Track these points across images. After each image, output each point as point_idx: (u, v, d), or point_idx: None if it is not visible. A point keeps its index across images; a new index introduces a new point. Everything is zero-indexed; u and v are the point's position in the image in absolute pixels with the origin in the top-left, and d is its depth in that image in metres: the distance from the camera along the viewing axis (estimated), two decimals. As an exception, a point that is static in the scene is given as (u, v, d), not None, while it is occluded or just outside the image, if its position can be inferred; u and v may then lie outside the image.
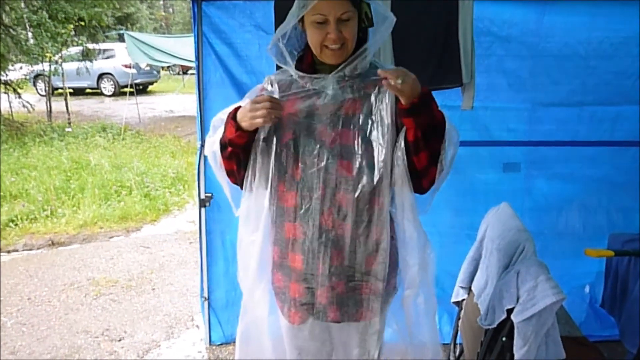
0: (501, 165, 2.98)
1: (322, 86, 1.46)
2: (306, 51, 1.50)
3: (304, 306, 1.54)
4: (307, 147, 1.45)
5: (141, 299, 3.65)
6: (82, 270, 4.19)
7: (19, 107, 10.60)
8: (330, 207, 1.44)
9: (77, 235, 5.05)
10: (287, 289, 1.56)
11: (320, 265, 1.48)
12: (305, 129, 1.45)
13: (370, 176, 1.43)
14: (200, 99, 2.66)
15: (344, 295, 1.51)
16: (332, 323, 1.55)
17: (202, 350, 2.98)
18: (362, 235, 1.47)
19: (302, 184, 1.46)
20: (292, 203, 1.47)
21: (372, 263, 1.50)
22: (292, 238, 1.50)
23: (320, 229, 1.46)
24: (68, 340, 3.14)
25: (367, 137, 1.43)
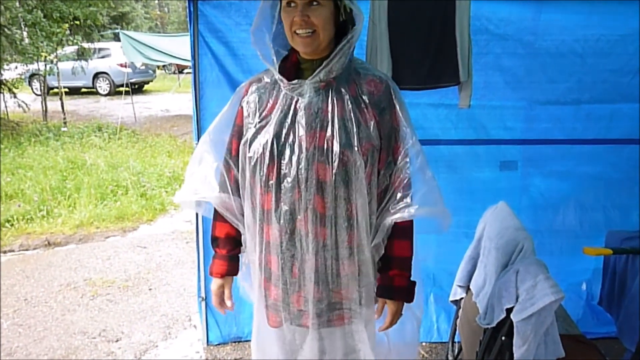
0: (498, 163, 2.98)
1: (299, 93, 1.44)
2: (292, 50, 1.48)
3: (278, 309, 1.53)
4: (284, 150, 1.43)
5: (138, 300, 3.64)
6: (79, 270, 4.17)
7: (14, 107, 10.56)
8: (306, 211, 1.42)
9: (73, 236, 5.02)
10: (266, 290, 1.56)
11: (295, 269, 1.47)
12: (283, 132, 1.44)
13: (347, 182, 1.42)
14: (196, 99, 2.64)
15: (318, 300, 1.48)
16: (303, 328, 1.53)
17: (200, 350, 2.97)
18: (338, 239, 1.45)
19: (277, 186, 1.44)
20: (269, 206, 1.46)
21: (347, 268, 1.48)
22: (269, 240, 1.49)
23: (295, 232, 1.44)
24: (65, 341, 3.12)
25: (344, 140, 1.40)
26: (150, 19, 29.04)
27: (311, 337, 1.51)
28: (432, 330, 2.96)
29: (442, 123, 2.82)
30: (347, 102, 1.43)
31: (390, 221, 1.47)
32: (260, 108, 1.48)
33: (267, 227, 1.48)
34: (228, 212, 1.58)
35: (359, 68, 1.49)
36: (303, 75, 1.46)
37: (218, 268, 1.65)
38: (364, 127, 1.42)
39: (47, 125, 10.09)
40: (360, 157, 1.40)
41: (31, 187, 6.07)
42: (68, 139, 8.83)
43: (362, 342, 1.54)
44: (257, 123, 1.47)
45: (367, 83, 1.47)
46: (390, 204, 1.48)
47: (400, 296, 1.54)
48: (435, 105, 2.78)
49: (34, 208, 5.51)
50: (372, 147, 1.43)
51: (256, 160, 1.45)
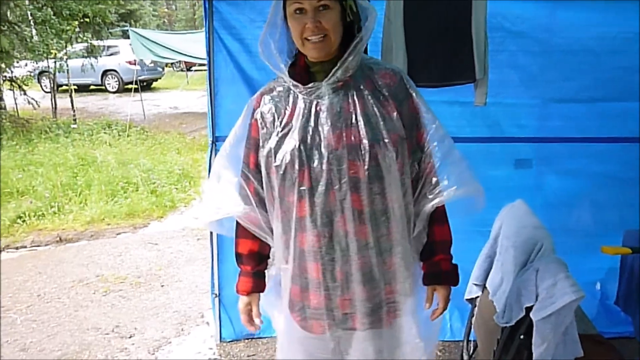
0: (512, 161, 2.97)
1: (317, 95, 1.43)
2: (300, 53, 1.46)
3: (321, 316, 1.50)
4: (312, 154, 1.41)
5: (150, 296, 3.65)
6: (91, 266, 4.20)
7: (24, 104, 10.63)
8: (343, 211, 1.41)
9: (84, 232, 5.06)
10: (305, 300, 1.52)
11: (336, 273, 1.45)
12: (308, 136, 1.42)
13: (381, 176, 1.41)
14: (211, 96, 2.65)
15: (367, 299, 1.47)
16: (350, 332, 1.51)
17: (213, 347, 2.98)
18: (378, 234, 1.44)
19: (310, 191, 1.42)
20: (302, 212, 1.44)
21: (390, 265, 1.47)
22: (305, 247, 1.47)
23: (334, 234, 1.43)
24: (78, 337, 3.14)
25: (372, 135, 1.40)
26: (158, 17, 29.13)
27: (362, 339, 1.49)
28: (445, 328, 2.95)
29: (456, 121, 2.80)
30: (367, 97, 1.43)
31: (431, 207, 1.48)
32: (279, 117, 1.46)
33: (302, 235, 1.45)
34: (254, 225, 1.55)
35: (370, 63, 1.50)
36: (315, 77, 1.45)
37: (244, 285, 1.63)
38: (388, 119, 1.42)
39: (57, 122, 10.15)
40: (391, 149, 1.40)
41: (42, 183, 6.11)
42: (78, 136, 8.87)
43: (411, 335, 1.53)
44: (279, 132, 1.45)
45: (382, 76, 1.47)
46: (426, 190, 1.49)
47: (448, 280, 1.57)
48: (449, 103, 2.76)
49: (45, 204, 5.55)
50: (400, 137, 1.43)
51: (285, 169, 1.42)
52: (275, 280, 1.63)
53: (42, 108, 10.98)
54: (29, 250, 4.69)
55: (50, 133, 9.08)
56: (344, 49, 1.40)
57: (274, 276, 1.63)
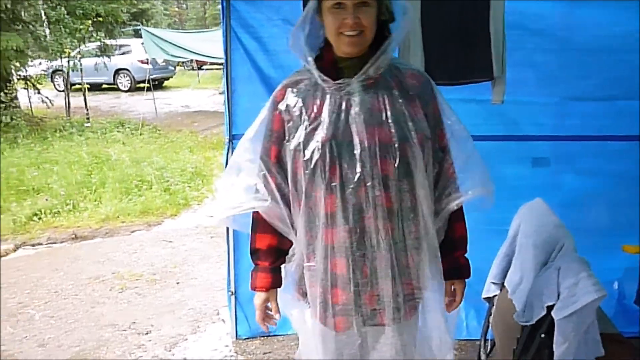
0: (529, 159, 2.96)
1: (347, 92, 1.44)
2: (327, 48, 1.48)
3: (349, 312, 1.50)
4: (342, 150, 1.42)
5: (166, 293, 3.68)
6: (106, 264, 4.23)
7: (38, 103, 10.74)
8: (374, 208, 1.42)
9: (99, 229, 5.11)
10: (328, 296, 1.51)
11: (365, 269, 1.46)
12: (339, 132, 1.43)
13: (409, 174, 1.44)
14: (228, 94, 2.66)
15: (391, 296, 1.48)
16: (377, 327, 1.52)
17: (229, 344, 2.99)
18: (405, 231, 1.46)
19: (341, 187, 1.42)
20: (333, 208, 1.44)
21: (417, 261, 1.49)
22: (333, 244, 1.46)
23: (364, 230, 1.44)
24: (95, 333, 3.17)
25: (401, 134, 1.42)
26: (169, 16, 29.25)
27: (390, 334, 1.50)
28: (461, 327, 2.94)
29: (473, 119, 2.75)
30: (396, 96, 1.44)
31: (455, 206, 1.52)
32: (307, 110, 1.46)
33: (330, 231, 1.45)
34: (278, 220, 1.55)
35: (397, 63, 1.51)
36: (343, 74, 1.45)
37: (262, 281, 1.62)
38: (415, 119, 1.44)
39: (70, 120, 10.24)
40: (418, 149, 1.43)
41: (57, 181, 6.18)
42: (91, 134, 8.95)
43: (437, 329, 1.56)
44: (307, 126, 1.45)
45: (409, 77, 1.49)
46: (448, 190, 1.52)
47: (466, 274, 1.63)
48: (466, 101, 2.74)
49: (61, 202, 5.61)
50: (425, 137, 1.45)
51: (315, 164, 1.42)
52: (293, 278, 1.61)
53: (56, 107, 11.08)
54: (45, 248, 4.75)
55: (64, 131, 9.16)
56: (375, 47, 1.43)
57: (292, 273, 1.61)
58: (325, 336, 1.54)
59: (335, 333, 1.53)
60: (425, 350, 1.59)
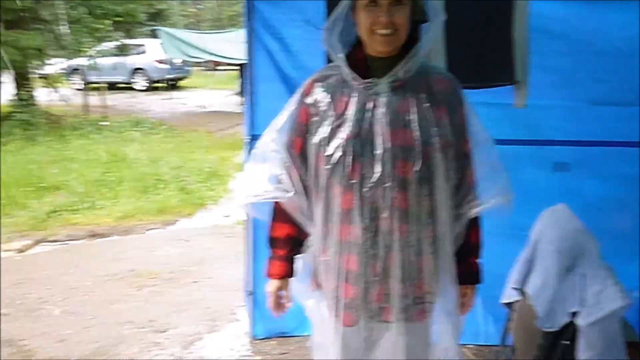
0: (550, 164, 2.93)
1: (375, 92, 1.45)
2: (358, 46, 1.49)
3: (356, 307, 1.53)
4: (364, 149, 1.44)
5: (182, 292, 3.70)
6: (124, 261, 4.27)
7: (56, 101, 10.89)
8: (389, 209, 1.44)
9: (116, 227, 5.15)
10: (339, 290, 1.53)
11: (376, 267, 1.47)
12: (362, 131, 1.44)
13: (429, 178, 1.45)
14: (250, 95, 2.67)
15: (404, 296, 1.49)
16: (383, 323, 1.54)
17: (246, 343, 3.00)
18: (420, 235, 1.46)
19: (359, 185, 1.44)
20: (349, 205, 1.46)
21: (429, 262, 1.50)
22: (346, 240, 1.49)
23: (378, 230, 1.45)
24: (114, 330, 3.20)
25: (424, 137, 1.43)
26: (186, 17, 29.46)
27: (396, 332, 1.51)
28: (479, 332, 2.92)
29: (494, 122, 2.71)
30: (422, 100, 1.45)
31: (476, 212, 1.53)
32: (333, 107, 1.48)
33: (345, 227, 1.47)
34: (298, 212, 1.57)
35: (426, 67, 1.52)
36: (372, 73, 1.47)
37: (277, 269, 1.66)
38: (440, 124, 1.45)
39: (88, 119, 10.35)
40: (440, 154, 1.43)
41: (75, 178, 6.25)
42: (109, 133, 9.04)
43: (444, 335, 1.57)
44: (332, 122, 1.46)
45: (437, 81, 1.50)
46: (469, 197, 1.53)
47: (478, 280, 1.66)
48: (487, 105, 2.69)
49: (79, 199, 5.67)
50: (448, 143, 1.46)
51: (336, 161, 1.44)
52: (309, 269, 1.65)
53: (73, 105, 11.22)
54: (63, 244, 4.80)
55: (82, 130, 9.26)
56: (406, 48, 1.43)
57: (308, 264, 1.64)
58: (335, 329, 1.57)
59: (343, 327, 1.55)
60: (432, 355, 1.61)
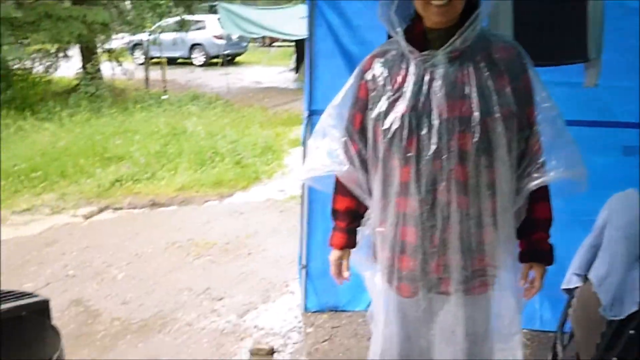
0: (619, 148, 2.79)
1: (432, 64, 1.43)
2: (417, 20, 1.47)
3: (415, 279, 1.54)
4: (422, 121, 1.43)
5: (238, 262, 3.81)
6: (182, 231, 4.43)
7: (120, 75, 11.28)
8: (447, 181, 1.43)
9: (175, 198, 5.33)
10: (398, 262, 1.55)
11: (434, 239, 1.48)
12: (419, 103, 1.43)
13: (489, 149, 1.42)
14: (309, 70, 2.67)
15: (463, 267, 1.49)
16: (442, 295, 1.54)
17: (298, 315, 3.07)
18: (481, 207, 1.45)
19: (417, 158, 1.44)
20: (407, 178, 1.46)
21: (490, 235, 1.48)
22: (404, 212, 1.49)
23: (436, 202, 1.45)
24: (173, 296, 3.35)
25: (484, 108, 1.40)
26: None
27: (455, 304, 1.51)
28: (534, 317, 2.86)
29: (563, 102, 2.60)
30: (482, 69, 1.42)
31: (535, 185, 1.48)
32: (391, 81, 1.48)
33: (403, 199, 1.48)
34: (354, 185, 1.61)
35: (487, 35, 1.49)
36: (431, 45, 1.45)
37: (337, 240, 1.72)
38: (501, 93, 1.42)
39: (149, 92, 10.67)
40: (501, 124, 1.41)
41: (138, 150, 6.48)
42: (168, 107, 9.29)
43: (507, 309, 1.55)
44: (390, 96, 1.47)
45: (499, 49, 1.46)
46: (532, 168, 1.49)
47: (546, 259, 1.59)
48: (557, 84, 2.58)
49: (141, 170, 5.89)
50: (511, 113, 1.43)
51: (393, 133, 1.45)
52: (367, 241, 1.68)
53: (135, 79, 11.59)
54: (126, 212, 5.02)
55: (143, 103, 9.56)
56: (464, 18, 1.40)
57: (367, 236, 1.67)
58: (391, 299, 1.59)
59: (401, 298, 1.57)
60: (495, 328, 1.59)
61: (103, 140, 6.89)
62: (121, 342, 2.87)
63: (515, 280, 1.59)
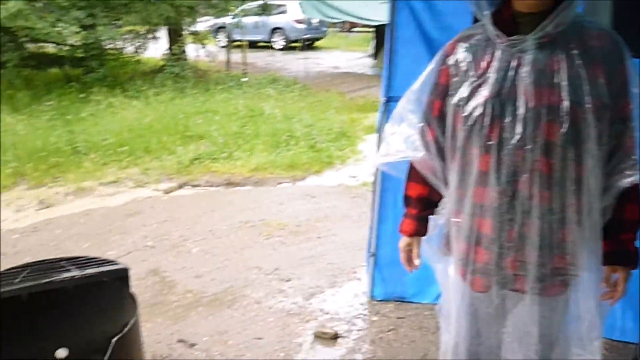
0: None
1: (520, 49, 1.36)
2: (506, 3, 1.41)
3: (489, 273, 1.48)
4: (507, 109, 1.36)
5: (307, 245, 3.85)
6: (255, 211, 4.53)
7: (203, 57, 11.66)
8: (530, 173, 1.36)
9: (250, 178, 5.46)
10: (472, 254, 1.50)
11: (512, 233, 1.41)
12: (504, 90, 1.37)
13: (577, 142, 1.34)
14: (389, 56, 2.62)
15: (541, 264, 1.42)
16: (517, 293, 1.48)
17: (364, 303, 3.06)
18: (565, 202, 1.37)
19: (498, 147, 1.38)
20: (486, 167, 1.41)
21: (573, 233, 1.40)
22: (482, 203, 1.44)
23: (516, 195, 1.39)
24: (243, 273, 3.44)
25: (574, 98, 1.32)
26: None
27: (530, 303, 1.45)
28: (614, 326, 2.68)
29: None
30: (574, 57, 1.34)
31: (627, 183, 1.39)
32: (475, 66, 1.43)
33: (481, 190, 1.43)
34: (429, 172, 1.58)
35: (582, 21, 1.39)
36: (519, 30, 1.38)
37: (407, 227, 1.70)
38: (593, 83, 1.33)
39: (230, 74, 10.96)
40: (592, 115, 1.32)
41: (217, 130, 6.69)
42: (248, 89, 9.51)
43: (588, 312, 1.47)
44: (473, 82, 1.41)
45: (594, 37, 1.37)
46: (624, 165, 1.40)
47: (631, 262, 1.48)
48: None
49: (219, 149, 6.08)
50: (603, 104, 1.34)
51: (474, 121, 1.40)
52: (441, 231, 1.64)
53: (217, 61, 11.94)
54: (203, 189, 5.21)
55: (224, 84, 9.84)
56: (557, 3, 1.33)
57: (440, 226, 1.63)
58: (463, 293, 1.55)
59: (473, 291, 1.52)
60: (572, 331, 1.51)
61: (185, 119, 7.17)
62: (192, 314, 3.00)
63: (597, 283, 1.50)
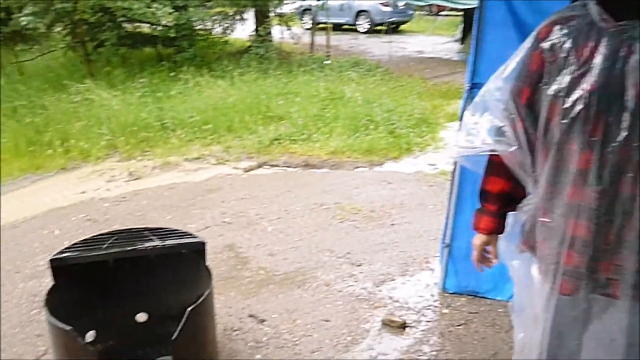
0: None
1: (631, 36, 1.23)
2: None
3: (579, 276, 1.38)
4: (612, 103, 1.24)
5: (380, 231, 3.82)
6: (331, 193, 4.55)
7: (287, 39, 11.80)
8: (635, 172, 1.25)
9: (327, 161, 5.48)
10: (560, 257, 1.40)
11: (610, 236, 1.31)
12: (611, 82, 1.25)
13: None
14: (476, 40, 2.50)
15: (633, 270, 1.31)
16: (608, 298, 1.37)
17: (435, 294, 3.00)
18: None
19: (602, 144, 1.27)
20: (586, 165, 1.30)
21: None
22: (577, 203, 1.33)
23: (618, 195, 1.28)
24: (315, 255, 3.48)
25: None
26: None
27: (621, 309, 1.35)
28: None
29: None
30: None
31: None
32: (576, 53, 1.30)
33: (578, 189, 1.33)
34: (518, 167, 1.47)
35: None
36: (629, 14, 1.25)
37: (485, 224, 1.62)
38: None
39: (313, 57, 11.01)
40: None
41: (297, 111, 6.77)
42: (330, 72, 9.50)
43: None
44: (574, 70, 1.30)
45: None
46: None
47: None
48: None
49: (298, 131, 6.15)
50: None
51: (576, 115, 1.29)
52: (522, 228, 1.54)
53: (301, 43, 12.02)
54: (281, 169, 5.30)
55: (306, 67, 9.90)
56: None
57: (521, 223, 1.54)
58: (549, 295, 1.45)
59: (559, 294, 1.42)
60: None
61: (267, 99, 7.30)
62: (264, 290, 3.07)
63: None
